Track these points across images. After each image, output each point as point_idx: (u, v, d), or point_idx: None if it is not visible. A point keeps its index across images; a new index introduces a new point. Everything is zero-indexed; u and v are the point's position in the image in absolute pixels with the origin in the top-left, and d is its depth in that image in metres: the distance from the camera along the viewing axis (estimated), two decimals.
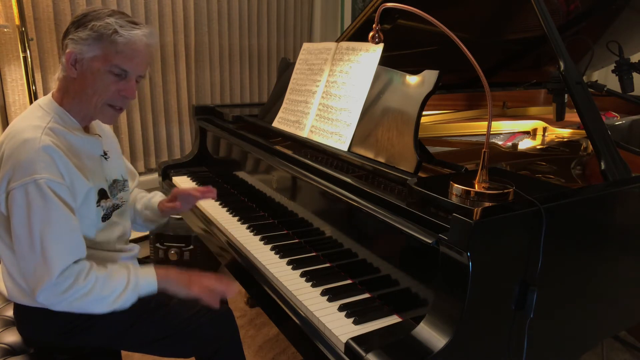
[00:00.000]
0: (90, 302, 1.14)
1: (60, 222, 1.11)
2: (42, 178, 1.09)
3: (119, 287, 1.17)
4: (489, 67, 2.37)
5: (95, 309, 1.16)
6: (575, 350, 1.27)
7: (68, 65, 1.18)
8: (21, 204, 1.09)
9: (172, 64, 3.00)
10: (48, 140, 1.13)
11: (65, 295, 1.10)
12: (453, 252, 0.93)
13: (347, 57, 1.55)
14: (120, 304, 1.17)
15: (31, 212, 1.09)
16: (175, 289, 1.24)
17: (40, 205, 1.09)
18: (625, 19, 2.09)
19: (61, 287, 1.10)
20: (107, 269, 1.18)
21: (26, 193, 1.09)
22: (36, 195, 1.09)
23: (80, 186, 1.18)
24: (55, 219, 1.10)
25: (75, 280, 1.11)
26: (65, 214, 1.12)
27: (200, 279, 1.26)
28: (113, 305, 1.16)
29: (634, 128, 2.02)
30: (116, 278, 1.17)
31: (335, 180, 1.34)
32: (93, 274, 1.14)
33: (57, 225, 1.10)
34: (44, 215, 1.09)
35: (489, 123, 1.06)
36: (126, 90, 1.21)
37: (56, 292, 1.10)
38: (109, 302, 1.16)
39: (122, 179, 1.39)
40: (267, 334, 2.28)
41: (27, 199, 1.09)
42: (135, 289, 1.19)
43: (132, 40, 1.17)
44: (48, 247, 1.09)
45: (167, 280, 1.23)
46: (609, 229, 1.22)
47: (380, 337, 1.03)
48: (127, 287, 1.18)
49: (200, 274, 1.27)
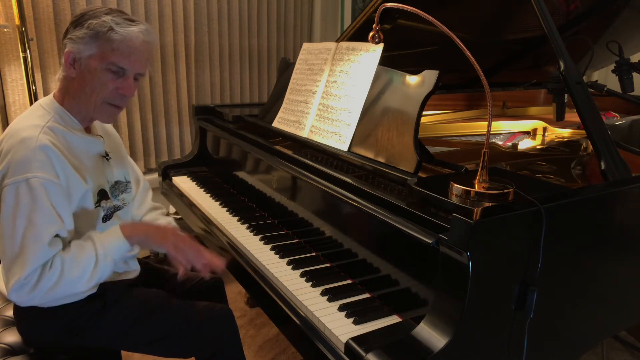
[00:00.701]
0: (64, 288, 1.12)
1: (43, 224, 1.10)
2: (35, 177, 1.09)
3: (89, 263, 1.15)
4: (489, 67, 2.37)
5: (73, 291, 1.14)
6: (575, 350, 1.27)
7: (67, 65, 1.19)
8: (10, 201, 1.10)
9: (172, 64, 3.00)
10: (46, 139, 1.13)
11: (36, 291, 1.09)
12: (453, 252, 0.93)
13: (347, 57, 1.55)
14: (97, 277, 1.16)
15: (17, 210, 1.09)
16: (149, 243, 1.22)
17: (28, 205, 1.09)
18: (625, 19, 2.09)
19: (29, 285, 1.09)
20: (71, 249, 1.16)
21: (16, 191, 1.09)
22: (26, 194, 1.09)
23: (76, 187, 1.18)
24: (38, 220, 1.10)
25: (42, 272, 1.10)
26: (49, 217, 1.11)
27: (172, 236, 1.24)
28: (91, 282, 1.15)
29: (634, 128, 2.02)
30: (83, 255, 1.15)
31: (335, 180, 1.34)
32: (58, 259, 1.12)
33: (39, 228, 1.10)
34: (29, 215, 1.09)
35: (489, 123, 1.06)
36: (124, 88, 1.21)
37: (26, 290, 1.09)
38: (84, 281, 1.14)
39: (125, 181, 1.39)
40: (267, 334, 2.28)
41: (16, 197, 1.09)
42: (106, 257, 1.17)
43: (128, 37, 1.17)
44: (26, 246, 1.09)
45: (135, 236, 1.21)
46: (609, 229, 1.22)
47: (380, 337, 1.03)
48: (98, 260, 1.16)
49: (174, 231, 1.25)
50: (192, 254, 1.26)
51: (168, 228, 1.27)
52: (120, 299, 1.27)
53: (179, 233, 1.28)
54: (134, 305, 1.29)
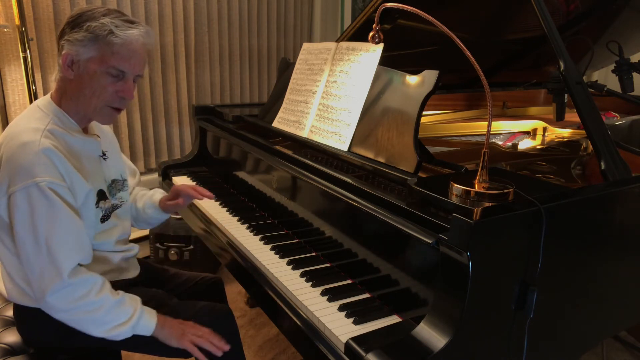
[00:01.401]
0: (92, 321, 1.14)
1: (65, 222, 1.11)
2: (43, 181, 1.08)
3: (123, 318, 1.16)
4: (489, 67, 2.37)
5: (90, 330, 1.15)
6: (575, 350, 1.27)
7: (65, 66, 1.17)
8: (24, 208, 1.08)
9: (172, 64, 3.00)
10: (47, 143, 1.12)
11: (77, 304, 1.10)
12: (453, 252, 0.93)
13: (347, 57, 1.55)
14: (114, 334, 1.17)
15: (35, 215, 1.08)
16: (167, 339, 1.23)
17: (44, 208, 1.09)
18: (625, 19, 2.09)
19: (75, 294, 1.10)
20: (118, 295, 1.18)
21: (29, 196, 1.08)
22: (39, 197, 1.08)
23: (80, 188, 1.18)
24: (60, 220, 1.10)
25: (89, 292, 1.11)
26: (69, 215, 1.12)
27: (193, 332, 1.24)
28: (108, 333, 1.16)
29: (634, 128, 2.02)
30: (124, 308, 1.17)
31: (335, 180, 1.34)
32: (106, 295, 1.14)
33: (63, 226, 1.10)
34: (49, 217, 1.09)
35: (489, 123, 1.06)
36: (124, 91, 1.20)
37: (69, 298, 1.10)
38: (107, 328, 1.15)
39: (122, 179, 1.39)
40: (267, 334, 2.28)
41: (30, 202, 1.08)
42: (135, 326, 1.18)
43: (128, 41, 1.16)
44: (54, 248, 1.08)
45: (162, 330, 1.22)
46: (609, 229, 1.22)
47: (380, 337, 1.03)
48: (129, 322, 1.17)
49: (193, 326, 1.25)
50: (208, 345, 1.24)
51: (187, 325, 1.26)
52: None
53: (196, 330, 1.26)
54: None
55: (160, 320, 1.23)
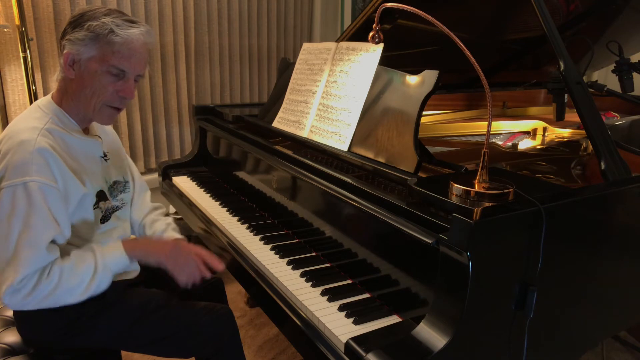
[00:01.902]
0: (60, 295, 1.12)
1: (39, 228, 1.10)
2: (32, 181, 1.09)
3: (87, 273, 1.15)
4: (489, 67, 2.37)
5: (67, 300, 1.14)
6: (575, 350, 1.27)
7: (66, 66, 1.17)
8: (6, 204, 1.09)
9: (172, 64, 3.00)
10: (44, 142, 1.12)
11: (31, 297, 1.09)
12: (453, 252, 0.93)
13: (347, 57, 1.55)
14: (94, 289, 1.15)
15: (13, 213, 1.09)
16: (148, 258, 1.21)
17: (24, 209, 1.09)
18: (625, 19, 2.09)
19: (24, 290, 1.09)
20: (70, 258, 1.16)
21: (13, 195, 1.09)
22: (22, 198, 1.09)
23: (74, 190, 1.18)
24: (34, 224, 1.09)
25: (39, 279, 1.10)
26: (46, 222, 1.11)
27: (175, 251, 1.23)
28: (86, 293, 1.15)
29: (634, 128, 2.02)
30: (82, 265, 1.15)
31: (335, 180, 1.34)
32: (56, 268, 1.12)
33: (35, 231, 1.09)
34: (25, 219, 1.09)
35: (489, 123, 1.06)
36: (124, 91, 1.20)
37: (20, 296, 1.09)
38: (80, 290, 1.14)
39: (124, 180, 1.39)
40: (267, 334, 2.29)
41: (12, 201, 1.09)
42: (105, 269, 1.17)
43: (129, 40, 1.16)
44: (21, 250, 1.08)
45: (136, 251, 1.21)
46: (609, 229, 1.22)
47: (380, 337, 1.03)
48: (96, 271, 1.16)
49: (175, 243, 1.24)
50: (192, 267, 1.25)
51: (169, 242, 1.25)
52: (120, 299, 1.27)
53: (179, 246, 1.26)
54: (134, 306, 1.28)
55: (128, 244, 1.21)
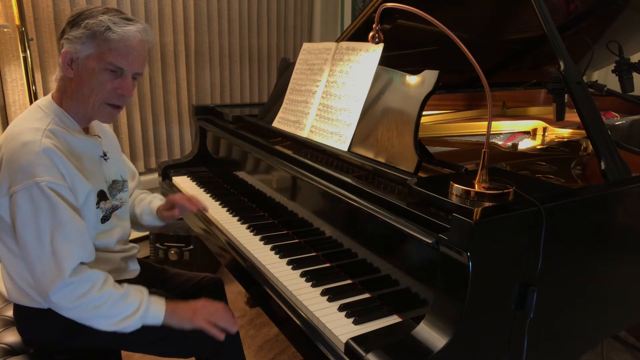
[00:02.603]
0: (97, 316, 1.13)
1: (68, 222, 1.11)
2: (43, 181, 1.08)
3: (129, 310, 1.16)
4: (489, 67, 2.37)
5: (98, 324, 1.15)
6: (575, 350, 1.27)
7: (64, 65, 1.17)
8: (27, 207, 1.08)
9: (172, 64, 3.00)
10: (49, 143, 1.12)
11: (80, 302, 1.10)
12: (453, 252, 0.93)
13: (347, 57, 1.55)
14: (123, 326, 1.16)
15: (38, 215, 1.08)
16: (180, 324, 1.22)
17: (47, 208, 1.09)
18: (625, 19, 2.09)
19: (77, 292, 1.10)
20: (123, 288, 1.18)
21: (31, 196, 1.08)
22: (41, 197, 1.08)
23: (81, 188, 1.18)
24: (63, 219, 1.10)
25: (91, 288, 1.11)
26: (72, 215, 1.12)
27: (203, 311, 1.24)
28: (116, 326, 1.15)
29: (634, 128, 2.02)
30: (129, 300, 1.17)
31: (335, 180, 1.34)
32: (109, 289, 1.14)
33: (66, 226, 1.10)
34: (52, 216, 1.09)
35: (489, 123, 1.06)
36: (122, 88, 1.20)
37: (71, 296, 1.10)
38: (114, 321, 1.15)
39: (122, 180, 1.39)
40: (267, 334, 2.29)
41: (32, 202, 1.08)
42: (143, 317, 1.18)
43: (125, 37, 1.16)
44: (58, 247, 1.09)
45: (173, 316, 1.22)
46: (609, 229, 1.22)
47: (380, 337, 1.03)
48: (137, 313, 1.16)
49: (204, 304, 1.25)
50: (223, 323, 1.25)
51: (198, 305, 1.26)
52: None
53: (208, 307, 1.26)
54: None
55: (169, 306, 1.22)
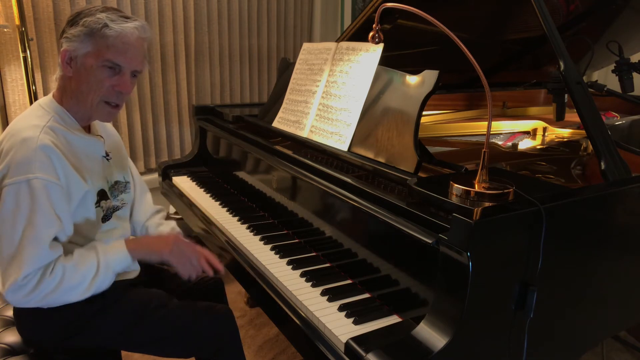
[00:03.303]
0: (62, 293, 1.13)
1: (42, 225, 1.10)
2: (36, 178, 1.09)
3: (90, 272, 1.15)
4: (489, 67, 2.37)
5: (69, 299, 1.15)
6: (575, 350, 1.27)
7: (63, 63, 1.18)
8: (10, 202, 1.10)
9: (172, 64, 3.00)
10: (46, 140, 1.13)
11: (34, 294, 1.10)
12: (453, 252, 0.93)
13: (347, 57, 1.55)
14: (95, 287, 1.16)
15: (17, 211, 1.09)
16: (151, 256, 1.22)
17: (27, 206, 1.09)
18: (625, 19, 2.09)
19: (27, 287, 1.09)
20: (73, 256, 1.16)
21: (16, 193, 1.09)
22: (26, 195, 1.09)
23: (76, 187, 1.18)
24: (37, 221, 1.10)
25: (42, 276, 1.10)
26: (49, 219, 1.11)
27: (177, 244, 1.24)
28: (88, 291, 1.16)
29: (634, 128, 2.02)
30: (85, 264, 1.16)
31: (335, 180, 1.34)
32: (59, 266, 1.12)
33: (38, 229, 1.10)
34: (29, 216, 1.09)
35: (489, 123, 1.06)
36: (120, 85, 1.20)
37: (23, 292, 1.09)
38: (82, 289, 1.15)
39: (124, 181, 1.39)
40: (267, 334, 2.29)
41: (16, 199, 1.09)
42: (107, 269, 1.17)
43: (122, 34, 1.17)
44: (24, 247, 1.09)
45: (139, 250, 1.22)
46: (609, 229, 1.22)
47: (380, 337, 1.03)
48: (99, 270, 1.16)
49: (176, 237, 1.26)
50: (194, 260, 1.26)
51: (170, 237, 1.27)
52: (120, 299, 1.27)
53: (180, 241, 1.27)
54: (134, 305, 1.29)
55: (131, 243, 1.22)
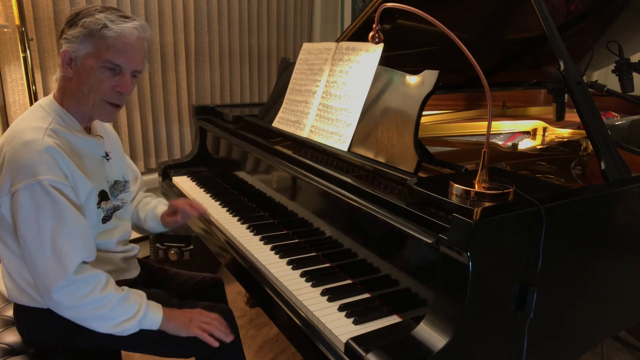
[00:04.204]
0: (97, 318, 1.14)
1: (71, 220, 1.11)
2: (45, 179, 1.08)
3: (129, 313, 1.16)
4: (489, 67, 2.37)
5: (97, 326, 1.15)
6: (575, 350, 1.27)
7: (64, 65, 1.18)
8: (29, 206, 1.09)
9: (172, 64, 3.00)
10: (51, 142, 1.12)
11: (81, 302, 1.11)
12: (453, 252, 0.93)
13: (347, 57, 1.55)
14: (121, 330, 1.16)
15: (41, 214, 1.08)
16: (175, 331, 1.23)
17: (49, 206, 1.09)
18: (625, 19, 2.09)
19: (80, 292, 1.10)
20: (123, 291, 1.18)
21: (32, 195, 1.08)
22: (43, 196, 1.08)
23: (82, 187, 1.18)
24: (65, 217, 1.10)
25: (93, 289, 1.11)
26: (74, 213, 1.12)
27: (198, 320, 1.25)
28: (114, 329, 1.16)
29: (634, 128, 2.02)
30: (129, 304, 1.17)
31: (335, 180, 1.34)
32: (111, 292, 1.14)
33: (69, 224, 1.10)
34: (54, 215, 1.09)
35: (489, 123, 1.06)
36: (120, 86, 1.20)
37: (74, 296, 1.10)
38: (113, 324, 1.15)
39: (124, 180, 1.39)
40: (267, 334, 2.29)
41: (34, 201, 1.08)
42: (141, 321, 1.18)
43: (122, 34, 1.16)
44: (60, 245, 1.09)
45: (169, 322, 1.22)
46: (609, 229, 1.22)
47: (380, 337, 1.03)
48: (136, 317, 1.17)
49: (200, 313, 1.27)
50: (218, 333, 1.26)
51: (194, 313, 1.27)
52: None
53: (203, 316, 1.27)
54: None
55: (166, 313, 1.23)
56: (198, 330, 1.23)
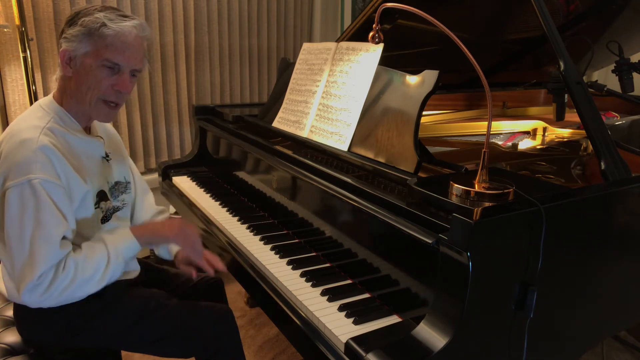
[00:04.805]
0: (77, 288, 1.13)
1: (50, 224, 1.10)
2: (37, 178, 1.09)
3: (101, 263, 1.16)
4: (489, 67, 2.37)
5: (85, 292, 1.15)
6: (575, 350, 1.27)
7: (63, 64, 1.18)
8: (15, 204, 1.09)
9: (172, 64, 3.00)
10: (46, 141, 1.12)
11: (49, 292, 1.10)
12: (453, 252, 0.93)
13: (347, 57, 1.55)
14: (109, 277, 1.17)
15: (24, 213, 1.09)
16: (158, 240, 1.25)
17: (33, 206, 1.09)
18: (625, 19, 2.09)
19: (42, 286, 1.09)
20: (82, 250, 1.17)
21: (21, 194, 1.09)
22: (30, 196, 1.09)
23: (77, 188, 1.18)
24: (45, 221, 1.10)
25: (55, 273, 1.10)
26: (56, 217, 1.11)
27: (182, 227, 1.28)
28: (102, 282, 1.16)
29: (634, 128, 2.02)
30: (95, 255, 1.16)
31: (335, 180, 1.34)
32: (71, 261, 1.13)
33: (47, 228, 1.10)
34: (36, 216, 1.09)
35: (489, 123, 1.06)
36: (119, 85, 1.20)
37: (39, 292, 1.09)
38: (96, 280, 1.15)
39: (125, 181, 1.39)
40: (267, 334, 2.29)
41: (21, 200, 1.09)
42: (117, 257, 1.19)
43: (121, 33, 1.17)
44: (36, 248, 1.09)
45: (145, 235, 1.24)
46: (609, 229, 1.22)
47: (380, 337, 1.03)
48: (110, 260, 1.17)
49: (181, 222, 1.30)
50: (198, 245, 1.29)
51: (174, 221, 1.30)
52: (120, 299, 1.27)
53: (185, 224, 1.31)
54: (134, 306, 1.29)
55: (136, 231, 1.24)
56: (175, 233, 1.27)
